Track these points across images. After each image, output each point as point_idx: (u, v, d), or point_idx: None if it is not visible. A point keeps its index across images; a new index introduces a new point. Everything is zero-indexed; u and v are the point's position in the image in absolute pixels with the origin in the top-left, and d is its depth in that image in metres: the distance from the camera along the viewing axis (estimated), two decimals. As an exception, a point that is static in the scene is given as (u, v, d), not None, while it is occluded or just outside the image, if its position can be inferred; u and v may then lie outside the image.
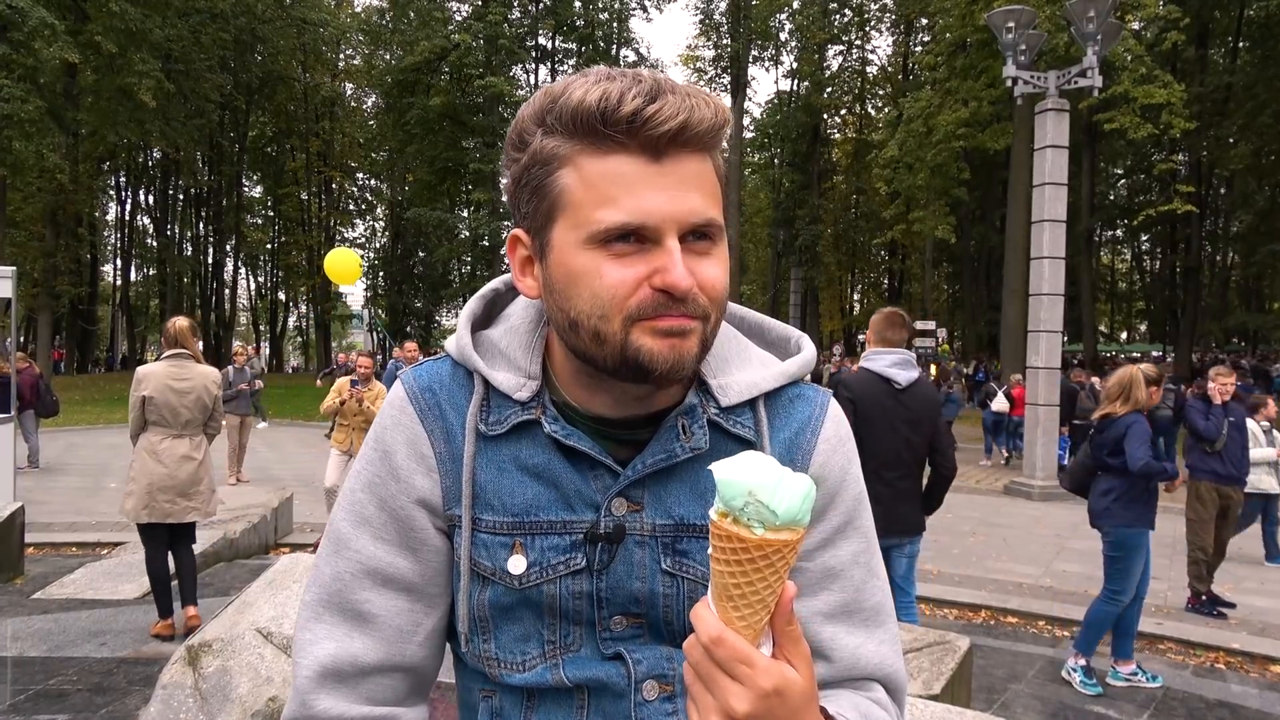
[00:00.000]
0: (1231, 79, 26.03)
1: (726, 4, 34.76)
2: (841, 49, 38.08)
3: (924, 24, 31.35)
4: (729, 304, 0.93)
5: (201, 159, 39.50)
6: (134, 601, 5.79)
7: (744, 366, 0.90)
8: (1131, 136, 18.65)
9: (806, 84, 37.93)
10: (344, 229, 44.14)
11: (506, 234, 0.99)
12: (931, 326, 22.69)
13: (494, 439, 0.85)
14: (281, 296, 48.08)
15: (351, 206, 45.26)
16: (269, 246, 45.95)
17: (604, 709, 0.84)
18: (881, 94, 40.07)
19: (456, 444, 0.86)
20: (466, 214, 35.74)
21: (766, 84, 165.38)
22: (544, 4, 35.30)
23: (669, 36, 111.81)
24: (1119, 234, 41.74)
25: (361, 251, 41.16)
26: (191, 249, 42.37)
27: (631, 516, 0.84)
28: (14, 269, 8.34)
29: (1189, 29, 20.71)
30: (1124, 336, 52.88)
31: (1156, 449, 5.04)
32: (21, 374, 10.25)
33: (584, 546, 0.83)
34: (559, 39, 37.16)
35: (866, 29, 37.21)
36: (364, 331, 44.50)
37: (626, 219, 0.74)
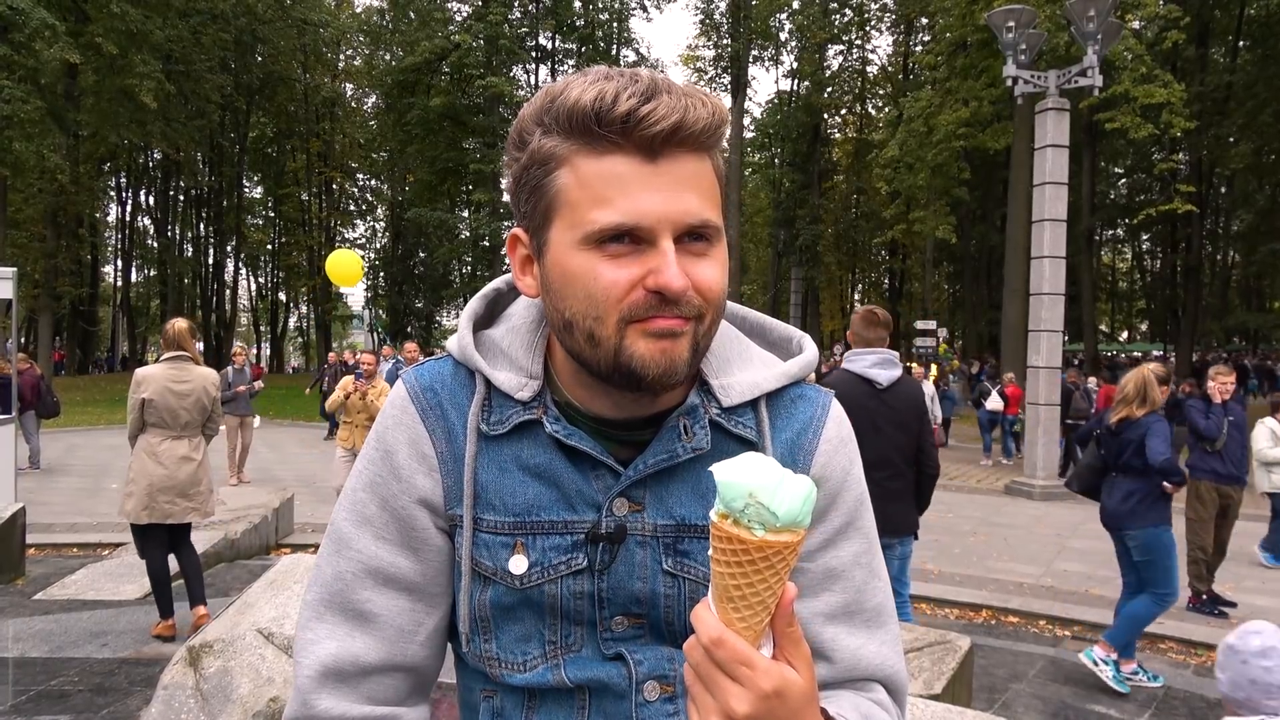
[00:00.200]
0: (1232, 78, 25.99)
1: (726, 4, 34.71)
2: (842, 49, 38.00)
3: (924, 23, 31.30)
4: (731, 304, 0.93)
5: (202, 160, 39.54)
6: (135, 602, 5.80)
7: (745, 367, 0.90)
8: (1132, 136, 18.61)
9: (807, 84, 37.88)
10: (344, 229, 44.19)
11: (507, 234, 0.99)
12: (932, 326, 22.71)
13: (495, 439, 0.85)
14: (282, 297, 48.11)
15: (352, 207, 45.28)
16: (269, 247, 46.00)
17: (605, 709, 0.84)
18: (882, 94, 39.98)
19: (458, 443, 0.86)
20: (467, 214, 35.71)
21: (767, 84, 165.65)
22: (544, 4, 35.27)
23: (669, 36, 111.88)
24: (1119, 233, 41.77)
25: (362, 252, 41.20)
26: (192, 250, 42.43)
27: (633, 517, 0.84)
28: (15, 270, 8.32)
29: (1189, 28, 20.67)
30: (1124, 336, 52.87)
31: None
32: (22, 375, 10.25)
33: (585, 546, 0.83)
34: (559, 39, 37.14)
35: (866, 29, 37.13)
36: (364, 332, 44.54)
37: (621, 220, 0.74)
